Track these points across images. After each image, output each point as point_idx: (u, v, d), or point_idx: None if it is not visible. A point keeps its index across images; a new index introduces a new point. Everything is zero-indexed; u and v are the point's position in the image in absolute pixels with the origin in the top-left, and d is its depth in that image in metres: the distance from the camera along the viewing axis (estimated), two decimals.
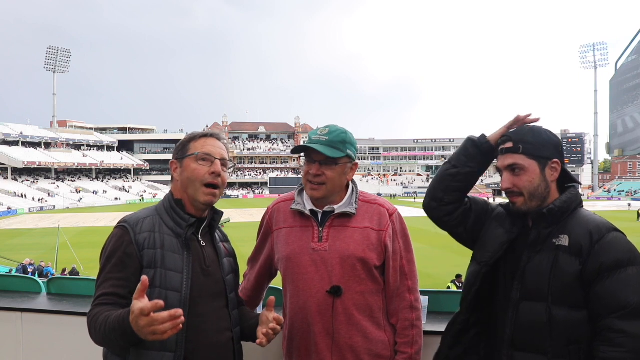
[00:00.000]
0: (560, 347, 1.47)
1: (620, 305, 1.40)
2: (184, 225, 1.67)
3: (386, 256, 1.85)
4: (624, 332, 1.38)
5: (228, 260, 1.82)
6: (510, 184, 1.59)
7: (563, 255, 1.50)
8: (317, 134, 1.85)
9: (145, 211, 1.73)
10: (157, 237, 1.63)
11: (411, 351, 1.82)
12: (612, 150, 9.39)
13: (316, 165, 1.82)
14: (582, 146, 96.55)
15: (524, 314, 1.54)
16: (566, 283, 1.47)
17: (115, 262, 1.59)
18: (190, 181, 1.68)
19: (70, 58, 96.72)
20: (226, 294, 1.74)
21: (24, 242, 29.85)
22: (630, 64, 8.54)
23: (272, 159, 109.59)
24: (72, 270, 16.70)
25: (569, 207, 1.56)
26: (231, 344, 1.73)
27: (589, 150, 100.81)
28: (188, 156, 1.71)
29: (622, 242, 1.48)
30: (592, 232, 1.49)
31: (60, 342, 2.56)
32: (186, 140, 1.77)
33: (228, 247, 1.87)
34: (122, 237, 1.62)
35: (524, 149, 1.57)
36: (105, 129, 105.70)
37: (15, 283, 3.11)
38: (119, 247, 1.60)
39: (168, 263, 1.61)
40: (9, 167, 74.64)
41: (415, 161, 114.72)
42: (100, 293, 1.56)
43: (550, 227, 1.55)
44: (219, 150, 1.74)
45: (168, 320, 1.31)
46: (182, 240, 1.65)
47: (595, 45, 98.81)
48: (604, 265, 1.44)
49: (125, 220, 1.67)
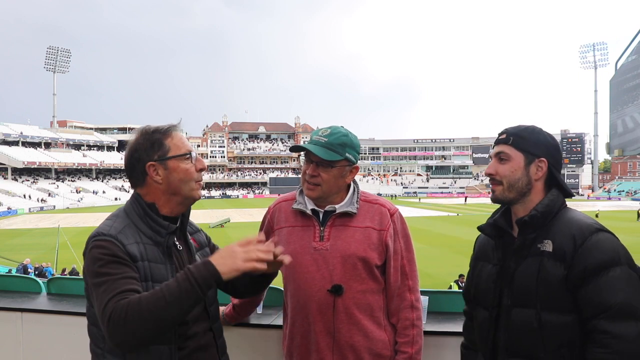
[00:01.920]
0: (552, 351, 1.48)
1: (605, 306, 1.41)
2: (163, 232, 1.57)
3: (387, 256, 1.85)
4: (609, 332, 1.39)
5: (199, 255, 1.73)
6: (493, 170, 1.63)
7: (548, 260, 1.50)
8: (318, 134, 1.84)
9: (118, 220, 1.56)
10: (142, 249, 1.51)
11: (411, 351, 1.82)
12: (612, 150, 9.39)
13: (313, 166, 1.82)
14: (582, 146, 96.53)
15: (516, 320, 1.54)
16: (553, 288, 1.48)
17: (115, 266, 1.43)
18: (184, 182, 1.62)
19: (70, 58, 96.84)
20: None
21: (24, 242, 29.87)
22: (630, 64, 8.55)
23: (272, 159, 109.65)
24: (72, 270, 16.71)
25: (551, 210, 1.56)
26: (213, 342, 1.70)
27: (589, 150, 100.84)
28: (172, 157, 1.60)
29: (605, 243, 1.47)
30: (575, 236, 1.48)
31: (60, 342, 2.56)
32: (157, 137, 1.61)
33: (197, 237, 1.78)
34: (112, 248, 1.46)
35: (514, 141, 1.61)
36: (105, 129, 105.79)
37: (15, 283, 3.11)
38: (112, 255, 1.45)
39: (155, 275, 1.51)
40: (9, 167, 74.68)
41: (415, 161, 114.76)
42: (115, 293, 1.36)
43: (535, 232, 1.56)
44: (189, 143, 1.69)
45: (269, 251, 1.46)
46: (164, 249, 1.57)
47: (595, 45, 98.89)
48: (588, 269, 1.44)
49: (103, 234, 1.49)
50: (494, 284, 1.62)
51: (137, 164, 1.60)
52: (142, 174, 1.60)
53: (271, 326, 2.22)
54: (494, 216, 1.71)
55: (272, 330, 2.21)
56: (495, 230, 1.67)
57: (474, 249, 1.81)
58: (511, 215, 1.67)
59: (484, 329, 1.65)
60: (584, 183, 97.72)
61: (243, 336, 2.24)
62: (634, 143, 8.40)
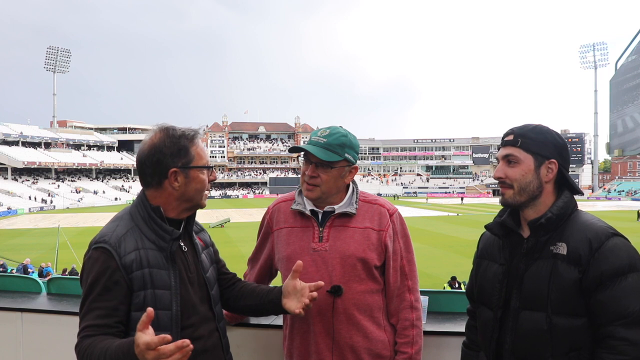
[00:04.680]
0: (560, 355, 1.46)
1: (622, 313, 1.39)
2: (167, 238, 1.56)
3: (386, 256, 1.85)
4: (626, 340, 1.37)
5: (205, 255, 1.75)
6: (502, 173, 1.59)
7: (561, 264, 1.47)
8: (317, 135, 1.83)
9: (122, 223, 1.57)
10: (142, 255, 1.52)
11: (411, 351, 1.82)
12: (612, 150, 9.38)
13: (312, 167, 1.81)
14: (582, 146, 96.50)
15: (524, 322, 1.52)
16: (565, 292, 1.46)
17: (99, 291, 1.46)
18: (199, 192, 1.64)
19: (70, 58, 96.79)
20: (208, 293, 1.70)
21: (24, 242, 29.85)
22: (630, 64, 8.53)
23: (272, 159, 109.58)
24: (72, 270, 16.69)
25: (565, 212, 1.54)
26: (219, 342, 1.71)
27: (589, 150, 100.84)
28: (198, 167, 1.61)
29: (621, 248, 1.45)
30: (591, 240, 1.46)
31: (60, 342, 2.55)
32: (184, 143, 1.60)
33: (203, 237, 1.79)
34: (106, 262, 1.48)
35: (522, 143, 1.56)
36: (105, 129, 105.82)
37: (15, 283, 3.11)
38: (102, 274, 1.47)
39: (156, 282, 1.53)
40: (9, 167, 74.64)
41: (415, 161, 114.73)
42: (86, 325, 1.45)
43: (548, 234, 1.53)
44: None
45: (176, 352, 1.24)
46: (167, 254, 1.57)
47: (595, 45, 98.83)
48: (604, 274, 1.42)
49: (104, 241, 1.51)
50: (500, 284, 1.60)
51: (158, 165, 1.57)
52: (161, 177, 1.58)
53: (271, 326, 2.22)
54: (501, 215, 1.68)
55: (272, 330, 2.21)
56: (503, 229, 1.65)
57: (477, 247, 1.78)
58: (519, 215, 1.64)
59: (488, 329, 1.63)
60: (584, 183, 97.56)
61: (243, 336, 2.24)
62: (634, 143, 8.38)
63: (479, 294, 1.71)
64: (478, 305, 1.72)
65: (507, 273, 1.59)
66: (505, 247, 1.63)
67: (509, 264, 1.60)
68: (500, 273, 1.61)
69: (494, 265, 1.65)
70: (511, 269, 1.59)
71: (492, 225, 1.68)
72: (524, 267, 1.55)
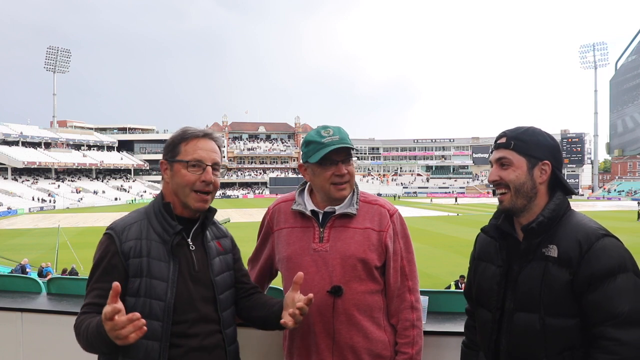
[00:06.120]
0: (554, 355, 1.48)
1: (613, 313, 1.40)
2: (171, 232, 1.64)
3: (387, 257, 1.85)
4: (617, 340, 1.39)
5: (220, 259, 1.76)
6: (496, 176, 1.60)
7: (552, 266, 1.49)
8: (330, 135, 1.80)
9: (135, 214, 1.70)
10: (143, 245, 1.62)
11: (412, 351, 1.82)
12: (612, 150, 9.37)
13: (341, 165, 1.81)
14: (582, 146, 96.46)
15: (519, 323, 1.54)
16: (557, 293, 1.47)
17: (100, 272, 1.60)
18: (180, 187, 1.66)
19: (70, 58, 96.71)
20: (215, 295, 1.71)
21: (24, 242, 29.82)
22: (630, 64, 8.53)
23: (272, 159, 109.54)
24: (72, 270, 16.69)
25: (557, 214, 1.55)
26: (222, 345, 1.71)
27: (589, 150, 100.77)
28: (178, 161, 1.67)
29: (611, 249, 1.46)
30: (580, 242, 1.47)
31: (60, 342, 2.55)
32: (177, 139, 1.70)
33: (224, 243, 1.82)
34: (108, 247, 1.62)
35: (515, 145, 1.57)
36: (105, 129, 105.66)
37: (15, 283, 3.11)
38: (104, 257, 1.61)
39: (154, 271, 1.60)
40: (9, 167, 74.60)
41: (415, 161, 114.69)
42: (86, 302, 1.60)
43: (540, 236, 1.54)
44: (211, 154, 1.69)
45: (127, 323, 1.36)
46: (169, 248, 1.63)
47: (595, 45, 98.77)
48: (594, 275, 1.43)
49: (112, 227, 1.66)
50: (498, 286, 1.61)
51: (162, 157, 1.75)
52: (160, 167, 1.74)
53: None
54: (497, 217, 1.68)
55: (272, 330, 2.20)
56: (499, 232, 1.65)
57: (474, 247, 1.79)
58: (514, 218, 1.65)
59: (486, 330, 1.64)
60: (584, 183, 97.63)
61: (243, 336, 2.24)
62: (634, 143, 8.38)
63: (477, 295, 1.72)
64: (476, 306, 1.72)
65: (505, 275, 1.60)
66: (502, 249, 1.64)
67: (506, 266, 1.61)
68: (498, 275, 1.62)
69: (492, 267, 1.66)
70: (507, 271, 1.60)
71: (488, 229, 1.69)
72: (518, 269, 1.56)
